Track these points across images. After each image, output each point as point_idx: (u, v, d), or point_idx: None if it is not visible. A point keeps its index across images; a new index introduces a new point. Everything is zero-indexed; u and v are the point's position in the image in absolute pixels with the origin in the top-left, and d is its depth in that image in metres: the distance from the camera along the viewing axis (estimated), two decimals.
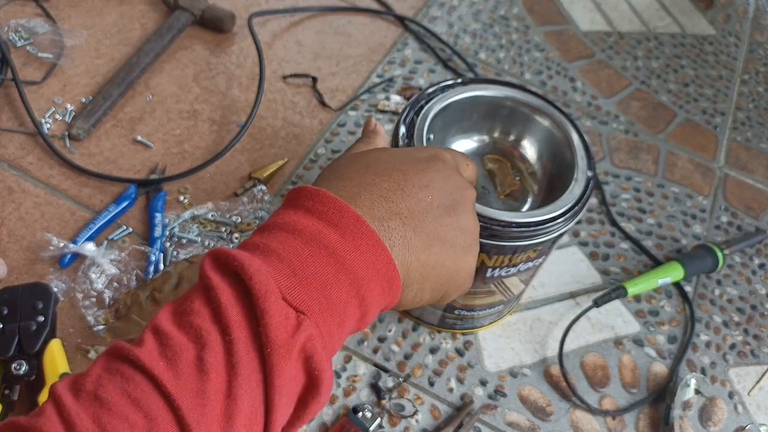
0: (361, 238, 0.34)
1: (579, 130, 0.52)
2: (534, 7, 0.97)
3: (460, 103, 0.52)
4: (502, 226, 0.45)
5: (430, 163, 0.40)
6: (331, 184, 0.37)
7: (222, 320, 0.30)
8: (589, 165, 0.50)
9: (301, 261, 0.32)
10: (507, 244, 0.46)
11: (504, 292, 0.54)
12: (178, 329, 0.30)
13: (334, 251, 0.33)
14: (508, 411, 0.58)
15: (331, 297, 0.32)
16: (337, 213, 0.34)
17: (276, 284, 0.31)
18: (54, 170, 0.66)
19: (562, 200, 0.47)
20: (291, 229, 0.34)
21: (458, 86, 0.53)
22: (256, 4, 0.87)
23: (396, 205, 0.36)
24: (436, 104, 0.51)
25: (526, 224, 0.45)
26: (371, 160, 0.40)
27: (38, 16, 0.79)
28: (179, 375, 0.28)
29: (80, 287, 0.58)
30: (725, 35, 1.00)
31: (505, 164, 0.56)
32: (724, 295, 0.69)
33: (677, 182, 0.78)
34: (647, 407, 0.60)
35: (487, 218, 0.45)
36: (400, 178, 0.38)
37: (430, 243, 0.37)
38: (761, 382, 0.63)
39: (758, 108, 0.90)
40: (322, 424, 0.54)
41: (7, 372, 0.51)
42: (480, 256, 0.47)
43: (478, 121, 0.55)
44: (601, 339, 0.64)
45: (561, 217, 0.47)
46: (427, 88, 0.52)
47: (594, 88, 0.87)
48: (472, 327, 0.60)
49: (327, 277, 0.32)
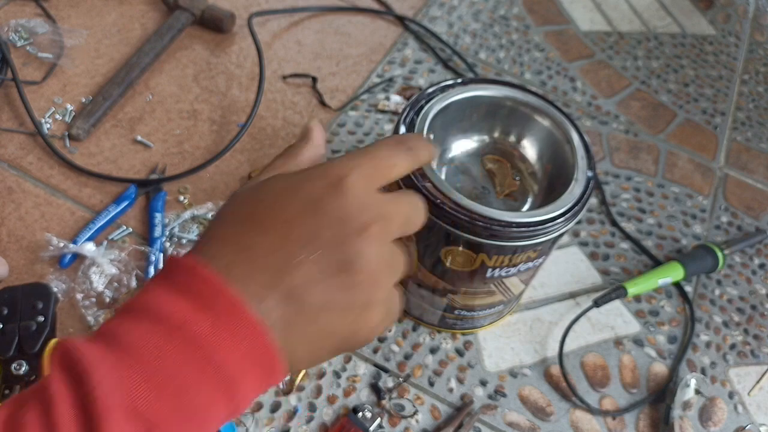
0: (237, 324, 0.29)
1: (579, 130, 0.52)
2: (534, 7, 0.97)
3: (460, 103, 0.52)
4: (502, 226, 0.45)
5: (323, 200, 0.33)
6: (212, 246, 0.33)
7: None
8: (590, 165, 0.50)
9: (159, 361, 0.28)
10: (507, 244, 0.46)
11: (504, 292, 0.54)
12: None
13: (201, 345, 0.29)
14: (508, 411, 0.58)
15: (191, 402, 0.28)
16: (211, 294, 0.30)
17: (125, 394, 0.27)
18: (54, 170, 0.66)
19: (562, 200, 0.47)
20: (155, 316, 0.29)
21: (458, 86, 0.53)
22: (256, 4, 0.86)
23: (273, 278, 0.31)
24: (436, 104, 0.51)
25: (526, 224, 0.45)
26: (259, 201, 0.34)
27: (38, 16, 0.79)
28: None
29: (80, 287, 0.58)
30: (725, 35, 1.00)
31: (505, 165, 0.56)
32: (724, 295, 0.69)
33: (677, 182, 0.78)
34: (647, 407, 0.60)
35: (487, 218, 0.45)
36: (282, 234, 0.32)
37: (316, 316, 0.32)
38: (761, 382, 0.63)
39: (758, 108, 0.90)
40: (322, 424, 0.54)
41: (7, 372, 0.51)
42: (480, 256, 0.47)
43: (478, 121, 0.55)
44: (601, 339, 0.64)
45: (561, 217, 0.46)
46: (427, 88, 0.52)
47: (594, 88, 0.87)
48: (472, 327, 0.60)
49: (188, 379, 0.28)
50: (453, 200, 0.45)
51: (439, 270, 0.51)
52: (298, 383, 0.56)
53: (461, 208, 0.45)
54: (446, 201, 0.45)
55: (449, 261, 0.49)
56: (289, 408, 0.55)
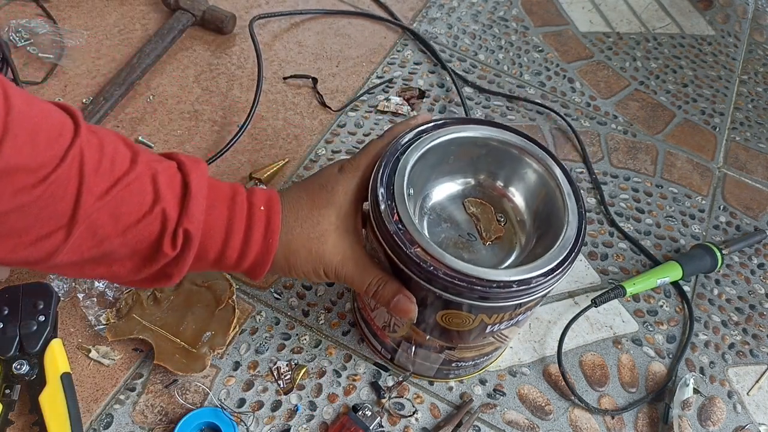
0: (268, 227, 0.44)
1: (561, 164, 0.49)
2: (533, 8, 0.97)
3: (438, 147, 0.49)
4: (503, 287, 0.42)
5: None
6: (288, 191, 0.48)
7: None
8: (578, 202, 0.47)
9: None
10: (508, 304, 0.44)
11: (502, 341, 0.53)
12: None
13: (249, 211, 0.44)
14: (507, 410, 0.58)
15: None
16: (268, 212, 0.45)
17: None
18: None
19: (559, 246, 0.45)
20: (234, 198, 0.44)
21: (432, 130, 0.49)
22: (256, 5, 0.87)
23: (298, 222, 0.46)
24: (412, 154, 0.47)
25: (527, 281, 0.43)
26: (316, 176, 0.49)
27: (39, 17, 0.79)
28: None
29: (81, 287, 0.58)
30: (724, 35, 1.00)
31: (488, 208, 0.52)
32: (722, 295, 0.69)
33: (676, 182, 0.79)
34: (646, 406, 0.60)
35: (486, 281, 0.42)
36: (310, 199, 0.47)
37: None
38: (760, 382, 0.63)
39: (757, 108, 0.90)
40: (322, 423, 0.55)
41: (8, 372, 0.51)
42: (479, 317, 0.45)
43: (457, 164, 0.52)
44: (600, 338, 0.64)
45: (562, 264, 0.44)
46: (402, 136, 0.48)
47: (593, 88, 0.87)
48: (467, 374, 0.58)
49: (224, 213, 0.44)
50: (447, 265, 0.42)
51: (437, 332, 0.49)
52: (298, 381, 0.56)
53: (457, 273, 0.42)
54: (440, 266, 0.42)
55: (447, 323, 0.47)
56: (290, 407, 0.55)
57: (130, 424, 0.52)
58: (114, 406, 0.53)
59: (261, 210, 0.43)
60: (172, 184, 0.41)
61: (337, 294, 0.62)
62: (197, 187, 0.41)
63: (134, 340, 0.56)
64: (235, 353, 0.57)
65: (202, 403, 0.54)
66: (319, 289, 0.62)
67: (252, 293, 0.61)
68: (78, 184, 0.37)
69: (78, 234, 0.38)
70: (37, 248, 0.38)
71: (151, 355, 0.55)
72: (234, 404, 0.54)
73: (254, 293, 0.61)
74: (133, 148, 0.41)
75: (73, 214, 0.37)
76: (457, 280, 0.42)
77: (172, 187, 0.41)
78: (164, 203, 0.40)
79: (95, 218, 0.38)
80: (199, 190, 0.41)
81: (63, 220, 0.37)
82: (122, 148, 0.40)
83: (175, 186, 0.41)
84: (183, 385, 0.55)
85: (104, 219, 0.38)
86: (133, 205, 0.39)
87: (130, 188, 0.39)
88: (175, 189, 0.41)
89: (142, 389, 0.54)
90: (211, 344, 0.55)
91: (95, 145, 0.38)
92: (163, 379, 0.55)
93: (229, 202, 0.43)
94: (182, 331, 0.55)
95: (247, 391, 0.55)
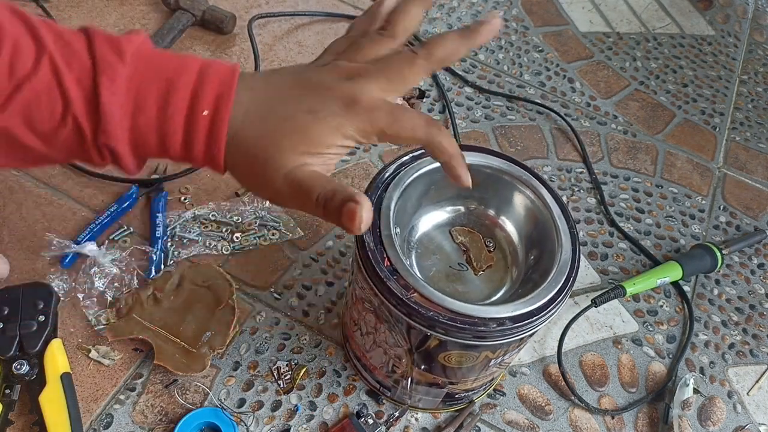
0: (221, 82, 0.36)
1: (548, 186, 0.48)
2: (533, 8, 0.97)
3: (418, 180, 0.48)
4: (505, 323, 0.41)
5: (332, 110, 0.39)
6: (246, 77, 0.38)
7: None
8: (569, 223, 0.47)
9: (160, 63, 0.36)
10: (512, 339, 0.43)
11: (503, 368, 0.53)
12: None
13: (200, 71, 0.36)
14: (507, 410, 0.58)
15: None
16: None
17: None
18: (55, 170, 0.66)
19: (556, 274, 0.43)
20: None
21: (412, 162, 0.48)
22: (256, 6, 0.87)
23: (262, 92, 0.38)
24: (394, 190, 0.46)
25: (529, 314, 0.42)
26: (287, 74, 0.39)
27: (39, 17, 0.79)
28: None
29: (81, 287, 0.58)
30: (724, 35, 1.00)
31: (477, 236, 0.51)
32: (722, 295, 0.69)
33: (676, 182, 0.79)
34: (646, 406, 0.60)
35: (488, 319, 0.41)
36: None
37: None
38: (760, 382, 0.63)
39: (757, 108, 0.90)
40: (322, 423, 0.55)
41: (8, 371, 0.51)
42: (483, 354, 0.44)
43: (442, 193, 0.51)
44: (600, 338, 0.64)
45: (562, 291, 0.43)
46: (382, 169, 0.47)
47: (593, 88, 0.87)
48: (469, 401, 0.57)
49: None
50: (447, 308, 0.41)
51: (439, 370, 0.48)
52: (298, 381, 0.56)
53: (458, 315, 0.40)
54: (440, 311, 0.41)
55: (448, 362, 0.46)
56: (290, 407, 0.55)
57: (130, 424, 0.52)
58: (114, 406, 0.53)
59: (203, 116, 0.35)
60: (81, 83, 0.34)
61: (337, 294, 0.62)
62: (108, 92, 0.34)
63: (134, 340, 0.56)
64: (235, 353, 0.57)
65: (202, 403, 0.54)
66: (319, 289, 0.62)
67: (252, 293, 0.61)
68: None
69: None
70: None
71: (151, 355, 0.55)
72: (234, 404, 0.54)
73: (254, 293, 0.61)
74: (38, 36, 0.34)
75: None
76: (459, 323, 0.40)
77: (82, 89, 0.34)
78: (74, 111, 0.34)
79: (6, 126, 0.34)
80: (111, 97, 0.34)
81: None
82: (25, 41, 0.34)
83: (85, 87, 0.34)
84: (183, 385, 0.55)
85: (18, 129, 0.34)
86: (44, 112, 0.34)
87: (36, 94, 0.33)
88: (86, 91, 0.34)
89: (142, 389, 0.54)
90: (211, 344, 0.55)
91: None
92: (163, 379, 0.55)
93: (161, 102, 0.35)
94: (182, 331, 0.55)
95: (247, 391, 0.55)
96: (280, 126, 0.36)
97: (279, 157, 0.36)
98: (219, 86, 0.35)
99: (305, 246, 0.65)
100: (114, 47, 0.35)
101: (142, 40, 0.36)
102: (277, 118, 0.37)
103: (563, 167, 0.77)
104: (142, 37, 0.36)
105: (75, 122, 0.34)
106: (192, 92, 0.35)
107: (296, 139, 0.36)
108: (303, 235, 0.65)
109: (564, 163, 0.78)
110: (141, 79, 0.35)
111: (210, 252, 0.62)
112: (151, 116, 0.35)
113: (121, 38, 0.35)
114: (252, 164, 0.37)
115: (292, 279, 0.62)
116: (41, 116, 0.34)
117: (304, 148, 0.37)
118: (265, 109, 0.37)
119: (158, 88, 0.35)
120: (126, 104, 0.34)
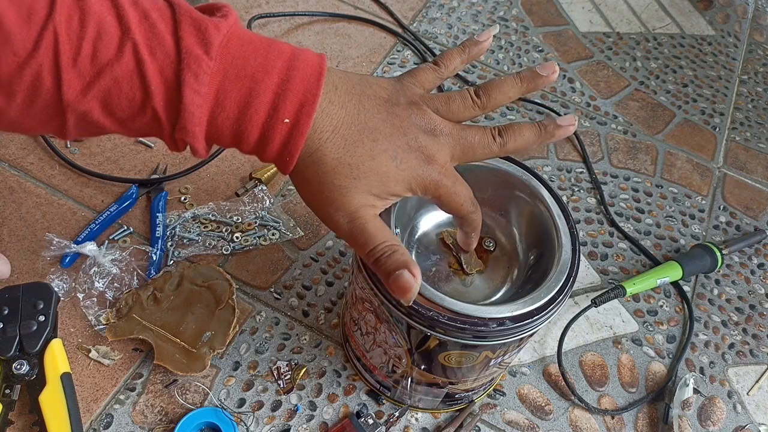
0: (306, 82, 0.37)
1: (546, 184, 0.48)
2: (533, 8, 0.97)
3: None
4: (508, 323, 0.41)
5: None
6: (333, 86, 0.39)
7: None
8: (568, 222, 0.46)
9: None
10: (513, 339, 0.43)
11: (504, 368, 0.52)
12: None
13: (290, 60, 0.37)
14: (507, 410, 0.58)
15: None
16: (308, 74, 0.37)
17: None
18: (55, 170, 0.66)
19: (557, 273, 0.43)
20: None
21: None
22: (256, 5, 0.87)
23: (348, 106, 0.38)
24: None
25: (531, 313, 0.42)
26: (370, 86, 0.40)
27: None
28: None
29: (81, 287, 0.58)
30: (724, 35, 1.00)
31: None
32: (722, 295, 0.69)
33: (676, 182, 0.79)
34: (646, 406, 0.60)
35: (489, 319, 0.40)
36: None
37: None
38: (760, 382, 0.63)
39: (757, 108, 0.90)
40: (322, 423, 0.55)
41: (8, 371, 0.51)
42: (483, 353, 0.45)
43: None
44: (600, 338, 0.64)
45: (563, 289, 0.43)
46: None
47: (593, 88, 0.87)
48: (469, 401, 0.57)
49: None
50: (447, 308, 0.41)
51: (439, 370, 0.48)
52: (298, 381, 0.56)
53: (458, 315, 0.40)
54: (440, 311, 0.40)
55: (448, 362, 0.46)
56: (290, 407, 0.55)
57: (130, 424, 0.52)
58: (114, 406, 0.53)
59: (284, 123, 0.35)
60: (164, 74, 0.33)
61: (337, 294, 0.62)
62: (191, 91, 0.33)
63: (134, 340, 0.56)
64: (235, 353, 0.57)
65: (202, 403, 0.54)
66: (319, 289, 0.62)
67: (252, 293, 0.61)
68: (55, 78, 0.32)
69: (73, 123, 0.34)
70: (46, 129, 0.35)
71: (151, 355, 0.55)
72: (234, 404, 0.54)
73: (254, 293, 0.61)
74: (123, 17, 0.33)
75: (60, 107, 0.33)
76: (459, 323, 0.40)
77: (164, 81, 0.33)
78: (154, 104, 0.34)
79: (85, 110, 0.33)
80: (194, 96, 0.33)
81: (53, 110, 0.33)
82: (110, 23, 0.32)
83: (167, 80, 0.33)
84: (183, 385, 0.55)
85: (96, 113, 0.34)
86: (123, 100, 0.34)
87: (117, 81, 0.33)
88: (168, 84, 0.33)
89: (142, 389, 0.54)
90: (211, 344, 0.55)
91: (75, 25, 0.32)
92: (163, 379, 0.55)
93: (242, 103, 0.35)
94: (182, 331, 0.55)
95: (247, 391, 0.55)
96: (364, 164, 0.37)
97: (353, 192, 0.37)
98: (303, 93, 0.35)
99: (305, 246, 0.65)
100: (201, 37, 0.34)
101: (230, 25, 0.35)
102: (364, 154, 0.37)
103: (563, 167, 0.77)
104: (231, 21, 0.35)
105: (154, 113, 0.34)
106: (274, 96, 0.35)
107: (374, 181, 0.37)
108: (303, 235, 0.65)
109: (564, 163, 0.78)
110: (225, 74, 0.34)
111: (210, 252, 0.62)
112: (230, 115, 0.35)
113: (209, 25, 0.34)
114: (320, 184, 0.37)
115: (292, 279, 0.62)
116: (120, 103, 0.34)
117: (377, 192, 0.38)
118: (355, 137, 0.37)
119: (241, 86, 0.34)
120: (207, 103, 0.34)
